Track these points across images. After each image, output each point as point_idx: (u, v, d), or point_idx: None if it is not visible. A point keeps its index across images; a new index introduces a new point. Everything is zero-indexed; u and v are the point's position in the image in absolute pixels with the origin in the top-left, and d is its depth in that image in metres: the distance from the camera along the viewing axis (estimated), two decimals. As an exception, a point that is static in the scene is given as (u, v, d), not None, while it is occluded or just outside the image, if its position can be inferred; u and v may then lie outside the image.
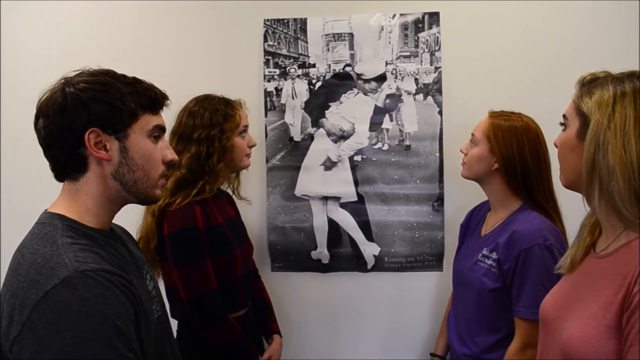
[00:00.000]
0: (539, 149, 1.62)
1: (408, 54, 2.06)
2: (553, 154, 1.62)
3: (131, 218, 1.40)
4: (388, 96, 2.07)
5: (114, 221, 1.17)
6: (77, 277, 0.92)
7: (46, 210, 1.09)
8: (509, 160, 1.61)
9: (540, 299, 1.49)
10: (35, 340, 0.90)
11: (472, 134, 1.71)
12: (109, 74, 1.08)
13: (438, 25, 2.04)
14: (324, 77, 2.08)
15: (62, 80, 1.06)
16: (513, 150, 1.60)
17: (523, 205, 1.64)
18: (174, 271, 1.66)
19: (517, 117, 1.65)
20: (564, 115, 1.11)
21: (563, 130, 1.12)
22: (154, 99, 1.12)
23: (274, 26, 2.08)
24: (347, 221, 2.11)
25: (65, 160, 1.06)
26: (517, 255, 1.54)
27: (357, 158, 2.09)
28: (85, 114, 1.02)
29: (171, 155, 1.16)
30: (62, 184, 1.10)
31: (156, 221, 1.69)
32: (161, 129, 1.14)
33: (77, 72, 1.08)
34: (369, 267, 2.12)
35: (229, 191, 1.96)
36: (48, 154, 1.07)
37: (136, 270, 1.14)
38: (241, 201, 2.00)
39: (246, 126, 1.82)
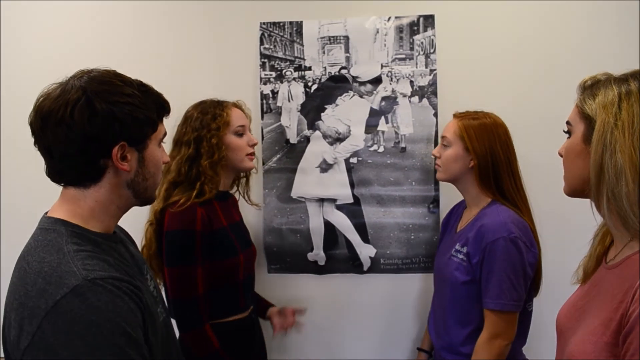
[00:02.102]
0: (508, 143, 1.69)
1: (403, 56, 2.07)
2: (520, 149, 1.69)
3: (133, 220, 1.40)
4: (383, 98, 2.08)
5: None
6: (87, 286, 0.92)
7: (46, 214, 1.07)
8: (483, 157, 1.66)
9: (505, 290, 1.56)
10: (47, 349, 0.90)
11: (444, 137, 1.76)
12: (124, 81, 1.06)
13: (433, 28, 2.05)
14: (320, 79, 2.09)
15: (77, 85, 1.01)
16: (485, 146, 1.66)
17: (492, 201, 1.69)
18: (165, 269, 1.68)
19: (483, 115, 1.72)
20: (567, 122, 1.07)
21: (567, 137, 1.07)
22: (166, 107, 1.13)
23: (270, 29, 2.09)
24: (343, 223, 2.11)
25: (81, 169, 1.03)
26: (484, 248, 1.59)
27: (353, 160, 2.10)
28: (116, 128, 1.01)
29: (166, 158, 1.19)
30: (62, 187, 1.08)
31: (155, 228, 1.71)
32: (165, 135, 1.17)
33: (87, 74, 1.05)
34: (365, 268, 2.12)
35: (237, 195, 1.98)
36: (59, 161, 1.03)
37: (138, 272, 1.14)
38: (251, 206, 2.02)
39: (242, 126, 1.81)
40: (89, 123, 0.99)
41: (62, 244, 0.99)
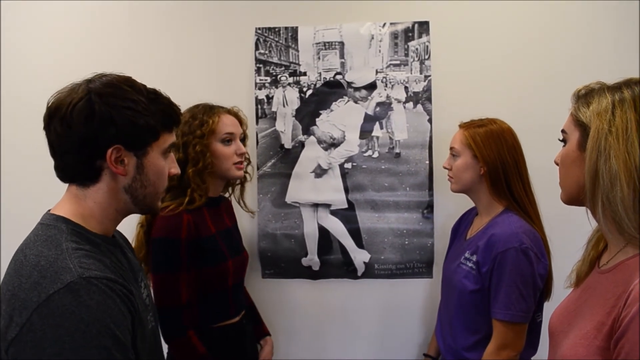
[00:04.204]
0: (515, 147, 1.69)
1: (398, 62, 2.08)
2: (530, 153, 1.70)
3: (129, 221, 1.40)
4: (378, 104, 2.09)
5: None
6: (81, 284, 0.93)
7: (49, 211, 1.08)
8: (492, 163, 1.66)
9: (514, 301, 1.56)
10: (34, 343, 0.90)
11: (452, 148, 1.76)
12: (134, 86, 1.07)
13: (428, 34, 2.06)
14: (315, 85, 2.10)
15: (86, 86, 1.03)
16: (494, 152, 1.66)
17: (505, 210, 1.68)
18: (151, 276, 1.66)
19: (488, 121, 1.72)
20: (562, 130, 1.09)
21: (563, 146, 1.09)
22: (174, 118, 1.13)
23: (265, 34, 2.10)
24: (338, 228, 2.11)
25: (79, 168, 1.05)
26: (494, 258, 1.59)
27: (348, 165, 2.10)
28: (112, 131, 1.02)
29: (175, 170, 1.18)
30: (66, 185, 1.09)
31: (145, 230, 1.70)
32: (173, 145, 1.16)
33: (100, 77, 1.06)
34: (359, 274, 2.12)
35: (233, 198, 1.96)
36: (60, 157, 1.05)
37: (133, 279, 1.14)
38: (246, 213, 2.01)
39: (230, 133, 1.77)
40: (86, 123, 1.00)
41: (62, 241, 1.00)
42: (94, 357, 0.91)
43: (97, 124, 1.01)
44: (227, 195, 1.95)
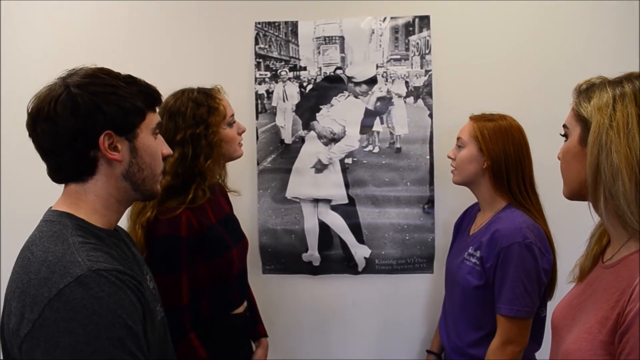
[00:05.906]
0: (522, 143, 1.68)
1: (399, 57, 2.07)
2: (537, 151, 1.69)
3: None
4: (379, 99, 2.08)
5: None
6: (91, 276, 0.93)
7: (51, 208, 1.08)
8: (496, 158, 1.65)
9: (518, 296, 1.55)
10: (48, 337, 0.90)
11: (459, 138, 1.75)
12: (109, 74, 1.08)
13: (428, 28, 2.05)
14: (315, 80, 2.09)
15: (62, 82, 1.04)
16: (499, 148, 1.65)
17: (508, 205, 1.68)
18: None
19: (499, 117, 1.71)
20: (564, 125, 1.09)
21: (565, 141, 1.09)
22: (155, 97, 1.14)
23: (265, 29, 2.09)
24: (338, 223, 2.11)
25: (74, 163, 1.05)
26: (498, 253, 1.58)
27: (348, 160, 2.09)
28: (100, 117, 1.02)
29: (167, 150, 1.18)
30: (63, 185, 1.09)
31: (145, 232, 1.57)
32: (160, 125, 1.16)
33: (73, 72, 1.07)
34: (360, 269, 2.12)
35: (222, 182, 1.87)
36: (53, 158, 1.05)
37: (139, 271, 1.14)
38: (231, 194, 1.91)
39: (232, 114, 1.71)
40: (72, 115, 1.01)
41: (67, 236, 1.00)
42: (107, 349, 0.91)
43: (83, 114, 1.01)
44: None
